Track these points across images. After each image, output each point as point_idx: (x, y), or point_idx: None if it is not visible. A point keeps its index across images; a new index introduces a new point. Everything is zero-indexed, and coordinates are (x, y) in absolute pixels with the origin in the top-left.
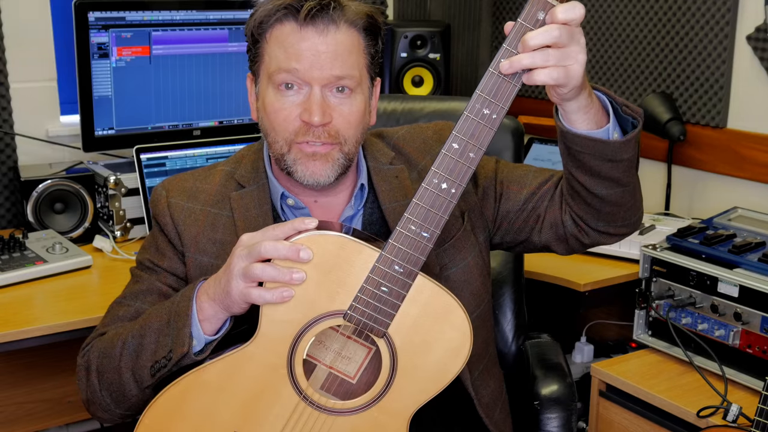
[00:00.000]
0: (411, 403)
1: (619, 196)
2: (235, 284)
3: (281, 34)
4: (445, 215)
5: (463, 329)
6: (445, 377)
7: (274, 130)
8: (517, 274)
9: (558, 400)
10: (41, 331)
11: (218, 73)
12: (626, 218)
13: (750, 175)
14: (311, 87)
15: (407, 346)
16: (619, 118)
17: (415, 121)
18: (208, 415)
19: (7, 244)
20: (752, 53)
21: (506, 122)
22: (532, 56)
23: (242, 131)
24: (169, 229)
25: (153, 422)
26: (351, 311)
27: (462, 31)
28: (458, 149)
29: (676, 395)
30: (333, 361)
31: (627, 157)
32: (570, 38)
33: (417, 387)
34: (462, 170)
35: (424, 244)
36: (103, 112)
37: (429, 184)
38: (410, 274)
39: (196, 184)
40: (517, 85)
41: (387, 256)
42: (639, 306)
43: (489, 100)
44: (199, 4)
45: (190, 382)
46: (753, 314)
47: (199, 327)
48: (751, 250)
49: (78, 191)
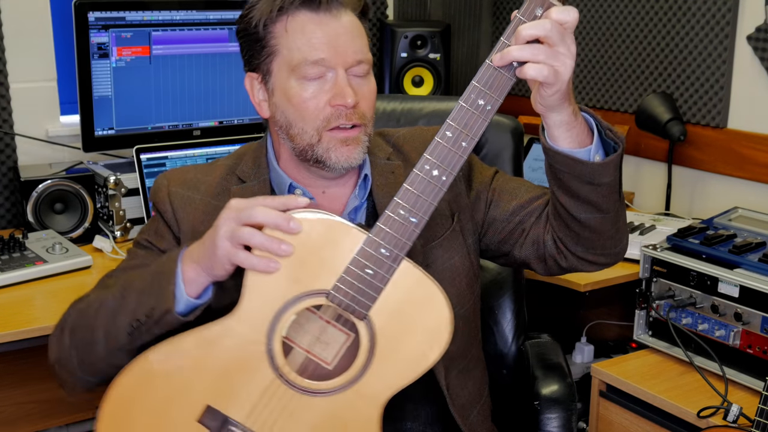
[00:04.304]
0: (386, 388)
1: (599, 222)
2: (221, 244)
3: (298, 24)
4: (434, 202)
5: (444, 316)
6: (423, 364)
7: (302, 121)
8: (517, 274)
9: (558, 401)
10: (41, 331)
11: (218, 73)
12: (606, 247)
13: (750, 175)
14: (336, 71)
15: (387, 330)
16: (603, 141)
17: (415, 122)
18: (182, 386)
19: (7, 244)
20: (752, 53)
21: (506, 122)
22: (522, 49)
23: (242, 131)
24: (169, 216)
25: (126, 388)
26: (334, 291)
27: (462, 31)
28: (451, 137)
29: (677, 395)
30: (311, 345)
31: (606, 182)
32: (560, 39)
33: (394, 371)
34: (454, 159)
35: (411, 229)
36: (103, 112)
37: (421, 170)
38: (396, 259)
39: (197, 176)
40: (512, 79)
41: (374, 238)
42: (639, 306)
43: (484, 91)
44: (199, 4)
45: (167, 350)
46: (753, 314)
47: (183, 288)
48: (751, 251)
49: (78, 191)
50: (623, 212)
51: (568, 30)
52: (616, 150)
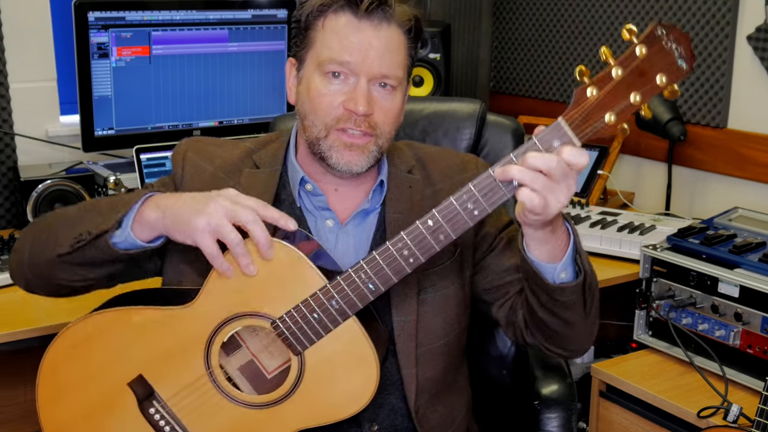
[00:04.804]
0: (299, 421)
1: (557, 326)
2: (199, 224)
3: (337, 24)
4: (396, 278)
5: (370, 381)
6: (335, 415)
7: (314, 113)
8: None
9: (558, 400)
10: (41, 332)
11: (218, 73)
12: (561, 344)
13: (750, 175)
14: (359, 78)
15: (315, 373)
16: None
17: (415, 122)
18: (122, 351)
19: (7, 244)
20: (752, 53)
21: (506, 122)
22: (523, 172)
23: (242, 131)
24: (177, 177)
25: (75, 336)
26: (280, 321)
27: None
28: (431, 227)
29: (677, 395)
30: (259, 351)
31: (563, 300)
32: (563, 177)
33: (310, 411)
34: (427, 246)
35: (366, 294)
36: (103, 112)
37: (393, 246)
38: (343, 314)
39: (216, 150)
40: (508, 194)
41: (329, 289)
42: (639, 306)
43: (478, 197)
44: (199, 4)
45: (118, 315)
46: (753, 314)
47: (131, 222)
48: (751, 251)
49: (78, 191)
50: (587, 323)
51: (574, 171)
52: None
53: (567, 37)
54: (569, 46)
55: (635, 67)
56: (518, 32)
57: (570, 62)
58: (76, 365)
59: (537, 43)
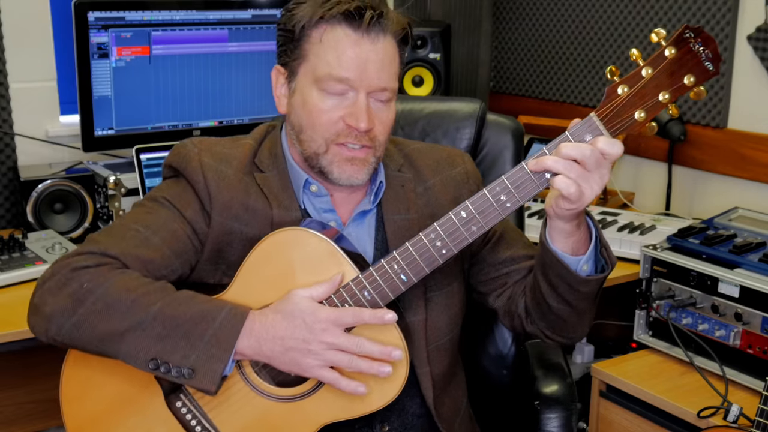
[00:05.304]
0: (326, 414)
1: (566, 314)
2: (310, 362)
3: (334, 38)
4: (428, 269)
5: (398, 377)
6: (365, 409)
7: (312, 129)
8: None
9: (558, 400)
10: None
11: (218, 73)
12: (565, 331)
13: (750, 175)
14: (358, 93)
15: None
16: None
17: (414, 122)
18: None
19: (6, 244)
20: (752, 53)
21: (506, 122)
22: (557, 161)
23: (242, 131)
24: (200, 188)
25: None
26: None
27: (462, 31)
28: (465, 218)
29: (677, 396)
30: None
31: (585, 291)
32: (596, 166)
33: (339, 404)
34: (460, 237)
35: (398, 285)
36: (103, 112)
37: (426, 236)
38: (375, 305)
39: (224, 151)
40: (540, 188)
41: (362, 279)
42: (639, 306)
43: (510, 189)
44: (199, 4)
45: None
46: (753, 314)
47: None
48: (751, 251)
49: (78, 191)
50: (592, 311)
51: (608, 161)
52: (605, 270)
53: (567, 37)
54: (569, 46)
55: (664, 67)
56: (518, 32)
57: (570, 62)
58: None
59: (537, 43)
